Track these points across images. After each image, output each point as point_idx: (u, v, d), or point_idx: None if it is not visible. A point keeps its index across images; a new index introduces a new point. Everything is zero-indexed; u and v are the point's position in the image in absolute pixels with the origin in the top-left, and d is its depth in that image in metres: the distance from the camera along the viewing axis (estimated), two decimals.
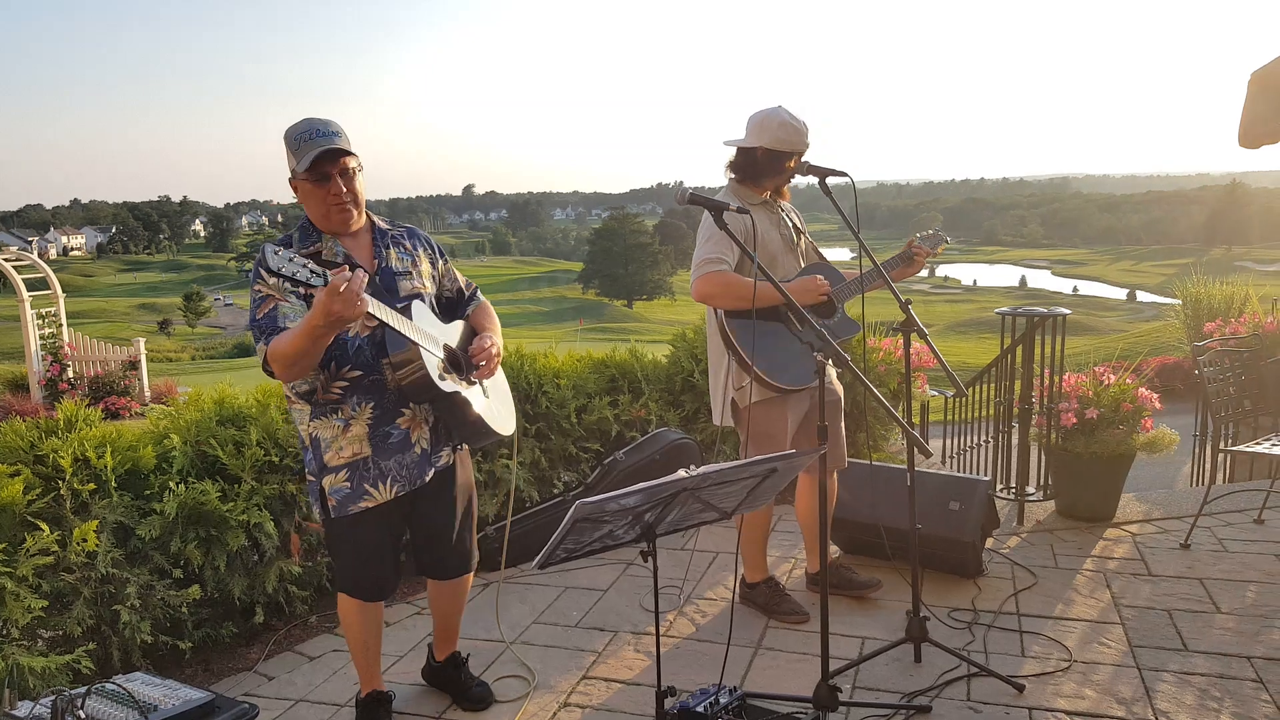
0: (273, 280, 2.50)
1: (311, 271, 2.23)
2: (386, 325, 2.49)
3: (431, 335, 2.68)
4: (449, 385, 2.67)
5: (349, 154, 2.64)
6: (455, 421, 2.80)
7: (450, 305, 2.99)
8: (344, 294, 2.25)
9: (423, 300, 2.78)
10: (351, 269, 2.31)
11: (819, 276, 3.40)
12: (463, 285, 3.03)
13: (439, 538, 2.95)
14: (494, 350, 2.84)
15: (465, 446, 2.97)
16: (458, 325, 2.92)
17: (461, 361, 2.81)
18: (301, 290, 2.53)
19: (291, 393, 2.74)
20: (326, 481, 2.74)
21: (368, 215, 2.81)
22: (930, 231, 3.73)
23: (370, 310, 2.35)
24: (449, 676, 3.20)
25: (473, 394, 2.77)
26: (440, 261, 2.98)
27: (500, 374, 3.04)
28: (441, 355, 2.70)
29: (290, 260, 2.21)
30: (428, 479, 2.81)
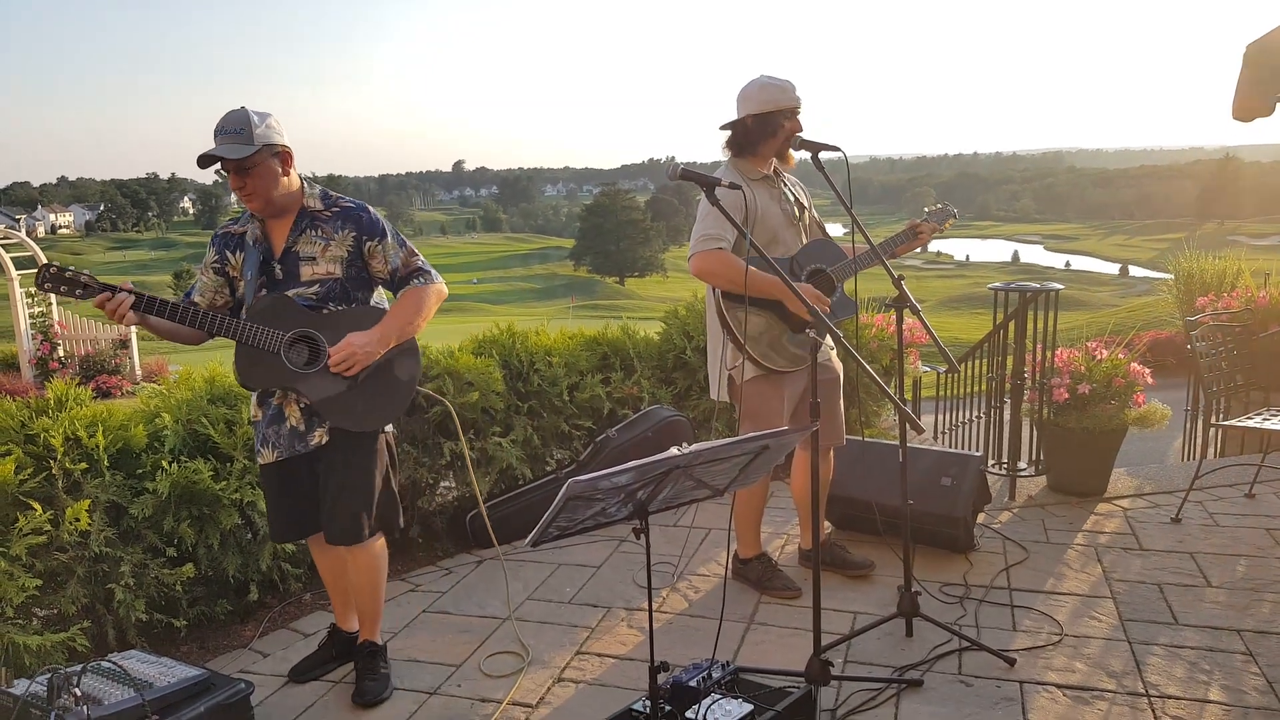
0: (210, 252, 3.01)
1: (84, 286, 2.67)
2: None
3: (278, 323, 2.85)
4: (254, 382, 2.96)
5: (234, 159, 2.74)
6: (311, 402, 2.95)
7: (396, 285, 3.02)
8: (107, 312, 2.68)
9: (318, 286, 2.91)
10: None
11: (819, 292, 3.35)
12: (398, 267, 2.98)
13: (322, 501, 3.06)
14: (339, 358, 2.84)
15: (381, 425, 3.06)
16: (361, 311, 2.96)
17: (321, 350, 2.90)
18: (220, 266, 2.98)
19: None
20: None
21: (305, 197, 2.93)
22: (938, 206, 3.67)
23: (142, 317, 2.74)
24: (357, 660, 3.17)
25: (317, 381, 2.90)
26: (371, 242, 2.95)
27: (397, 367, 3.00)
28: (277, 347, 2.85)
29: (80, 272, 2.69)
30: (303, 450, 2.99)
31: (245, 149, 2.76)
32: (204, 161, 2.76)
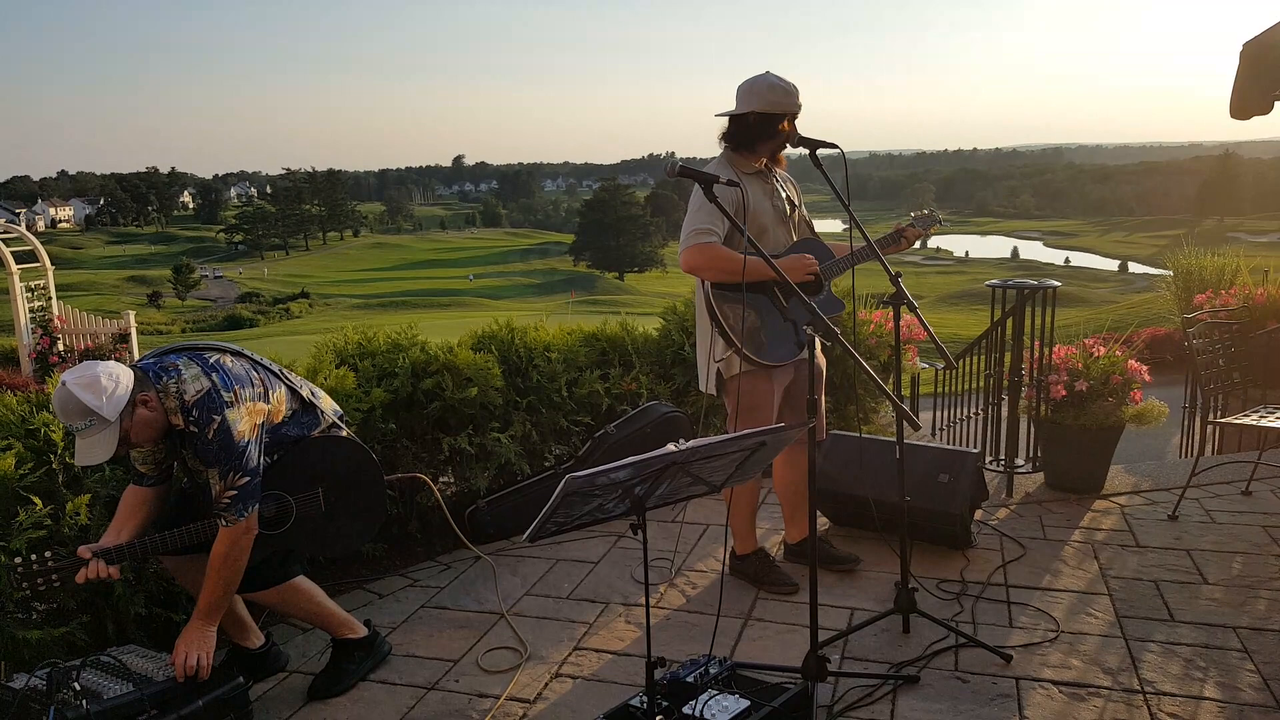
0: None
1: (57, 570, 2.66)
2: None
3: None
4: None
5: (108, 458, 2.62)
6: None
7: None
8: (92, 577, 2.66)
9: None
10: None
11: (807, 255, 3.39)
12: (217, 495, 2.75)
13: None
14: (183, 670, 2.70)
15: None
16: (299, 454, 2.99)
17: (287, 504, 2.99)
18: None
19: None
20: None
21: (167, 413, 2.72)
22: (924, 212, 3.70)
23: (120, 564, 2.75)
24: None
25: (291, 536, 3.00)
26: (205, 468, 2.77)
27: (360, 489, 3.10)
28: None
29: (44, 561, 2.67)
30: None
31: (109, 437, 2.57)
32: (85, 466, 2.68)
